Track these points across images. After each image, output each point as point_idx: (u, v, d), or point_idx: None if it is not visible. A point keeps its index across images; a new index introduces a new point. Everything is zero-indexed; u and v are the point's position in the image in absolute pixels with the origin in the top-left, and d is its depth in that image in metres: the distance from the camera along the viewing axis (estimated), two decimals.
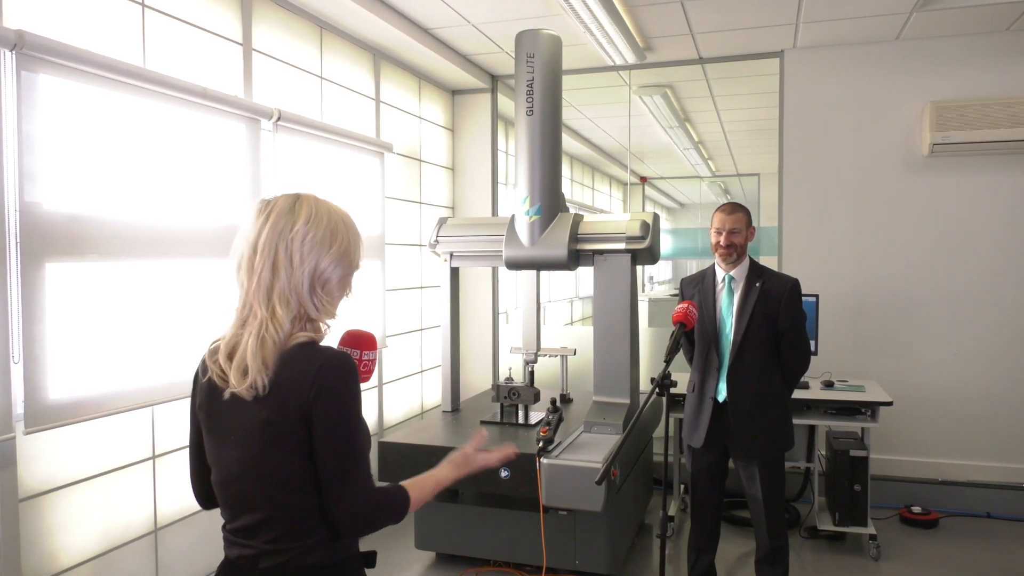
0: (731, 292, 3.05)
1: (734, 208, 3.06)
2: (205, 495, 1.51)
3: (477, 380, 5.29)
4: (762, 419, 2.97)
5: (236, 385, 1.34)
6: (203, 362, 1.45)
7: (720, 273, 3.08)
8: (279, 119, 3.40)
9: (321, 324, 1.44)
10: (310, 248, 1.38)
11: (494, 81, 5.35)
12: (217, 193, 3.09)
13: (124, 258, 2.65)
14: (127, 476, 2.80)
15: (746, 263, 3.07)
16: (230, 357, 1.37)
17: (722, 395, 3.01)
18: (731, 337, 3.00)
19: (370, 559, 1.50)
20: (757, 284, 3.00)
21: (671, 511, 4.15)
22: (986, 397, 4.42)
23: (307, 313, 1.40)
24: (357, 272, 1.49)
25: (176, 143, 2.89)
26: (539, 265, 3.66)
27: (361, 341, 1.55)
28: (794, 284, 3.02)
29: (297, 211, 1.40)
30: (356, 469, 1.36)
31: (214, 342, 1.44)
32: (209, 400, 1.41)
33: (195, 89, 2.91)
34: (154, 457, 2.91)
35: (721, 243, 3.02)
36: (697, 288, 3.14)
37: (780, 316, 2.96)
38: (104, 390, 2.58)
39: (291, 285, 1.37)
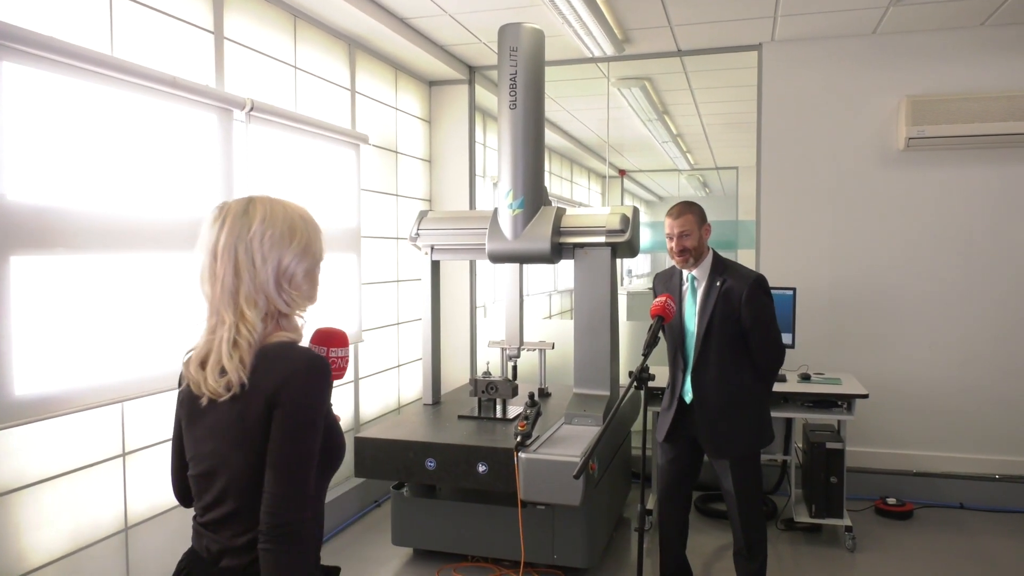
0: (694, 291, 3.05)
1: (682, 210, 3.00)
2: (184, 493, 1.55)
3: (454, 374, 5.29)
4: (731, 418, 2.98)
5: (214, 387, 1.35)
6: (182, 371, 1.47)
7: (686, 272, 3.09)
8: (252, 109, 3.36)
9: (296, 319, 1.46)
10: (270, 246, 1.39)
11: (472, 72, 5.34)
12: (188, 185, 3.05)
13: (93, 251, 2.62)
14: (96, 474, 2.77)
15: (708, 260, 3.04)
16: (203, 365, 1.38)
17: (689, 395, 3.04)
18: (695, 337, 3.01)
19: (332, 574, 1.51)
20: (718, 283, 2.97)
21: (649, 505, 4.18)
22: (960, 390, 4.51)
23: (278, 309, 1.42)
24: (323, 263, 1.51)
25: (146, 134, 2.85)
26: (522, 258, 3.67)
27: (331, 338, 1.57)
28: (756, 280, 2.96)
29: (252, 213, 1.41)
30: (297, 471, 1.34)
31: (188, 352, 1.45)
32: (189, 402, 1.44)
33: (165, 78, 2.87)
34: (124, 454, 2.88)
35: (674, 248, 3.00)
36: (666, 285, 3.17)
37: (743, 314, 2.93)
38: (72, 386, 2.54)
39: (256, 285, 1.39)
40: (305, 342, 1.49)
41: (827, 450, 3.92)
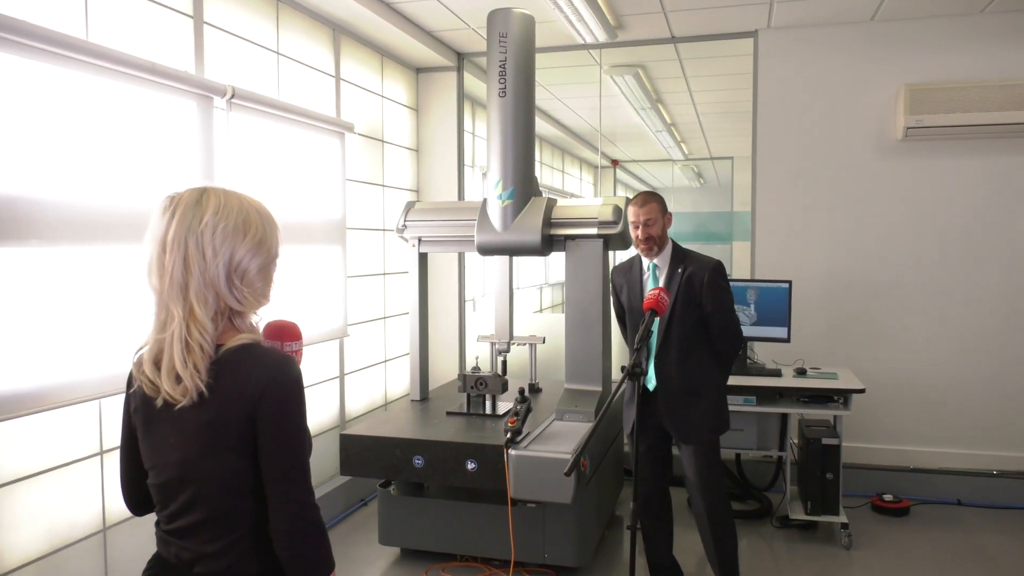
0: (656, 280, 3.15)
1: (646, 199, 3.11)
2: (137, 501, 1.53)
3: (443, 369, 5.29)
4: (693, 404, 3.07)
5: (170, 392, 1.34)
6: (131, 373, 1.44)
7: (646, 261, 3.18)
8: (233, 97, 3.34)
9: (250, 317, 1.44)
10: (222, 239, 1.37)
11: (460, 59, 5.32)
12: (167, 175, 3.03)
13: (68, 243, 2.60)
14: (73, 473, 2.76)
15: (668, 250, 3.15)
16: (157, 365, 1.36)
17: (651, 383, 3.11)
18: (656, 324, 3.06)
19: None
20: (679, 270, 3.08)
21: None
22: (958, 384, 4.55)
23: (228, 307, 1.39)
24: (279, 260, 1.49)
25: (123, 122, 2.83)
26: (512, 251, 3.68)
27: (284, 332, 1.56)
28: (715, 266, 3.09)
29: (204, 203, 1.38)
30: (300, 474, 1.39)
31: (138, 351, 1.43)
32: (144, 407, 1.42)
33: (143, 64, 2.85)
34: (102, 452, 2.87)
35: (639, 236, 3.10)
36: (626, 277, 3.25)
37: (703, 300, 3.05)
38: (47, 383, 2.53)
39: (206, 280, 1.36)
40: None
41: (823, 446, 3.95)
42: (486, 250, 3.68)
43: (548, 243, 3.61)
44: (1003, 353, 4.49)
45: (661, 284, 3.09)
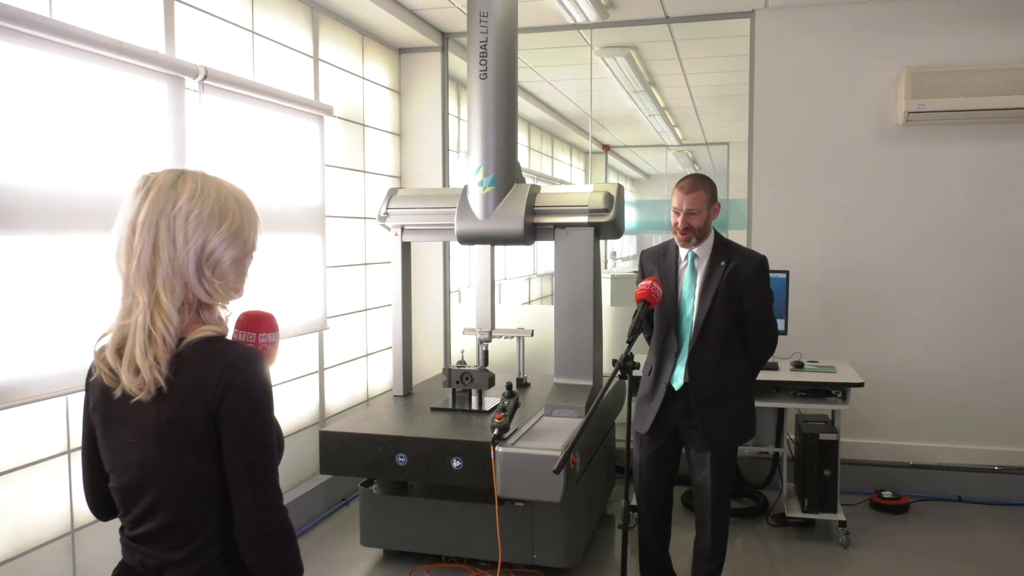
0: (694, 271, 3.05)
1: (694, 185, 3.00)
2: (100, 505, 1.52)
3: (428, 363, 5.29)
4: (725, 408, 3.00)
5: (128, 385, 1.33)
6: (92, 362, 1.43)
7: (683, 249, 3.08)
8: (205, 78, 3.31)
9: (219, 311, 1.43)
10: (195, 226, 1.35)
11: (445, 39, 5.30)
12: (136, 160, 3.00)
13: (30, 232, 2.57)
14: (39, 473, 2.74)
15: (711, 239, 3.05)
16: (119, 353, 1.35)
17: (679, 381, 3.03)
18: (692, 319, 3.01)
19: None
20: (722, 263, 2.99)
21: (634, 500, 4.22)
22: (960, 377, 4.59)
23: (197, 299, 1.38)
24: (255, 254, 1.47)
25: (89, 105, 2.80)
26: (493, 240, 3.68)
27: (260, 322, 1.53)
28: (761, 261, 3.02)
29: (180, 187, 1.36)
30: (265, 475, 1.37)
31: (100, 338, 1.41)
32: (103, 402, 1.40)
33: (110, 43, 2.81)
34: (69, 451, 2.85)
35: (678, 225, 3.00)
36: (658, 264, 3.13)
37: (746, 297, 2.96)
38: (10, 377, 2.51)
39: (175, 268, 1.34)
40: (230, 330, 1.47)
41: (820, 441, 3.98)
42: (467, 239, 3.68)
43: (531, 232, 3.61)
44: (1007, 345, 4.53)
45: (700, 276, 3.01)
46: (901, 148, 4.59)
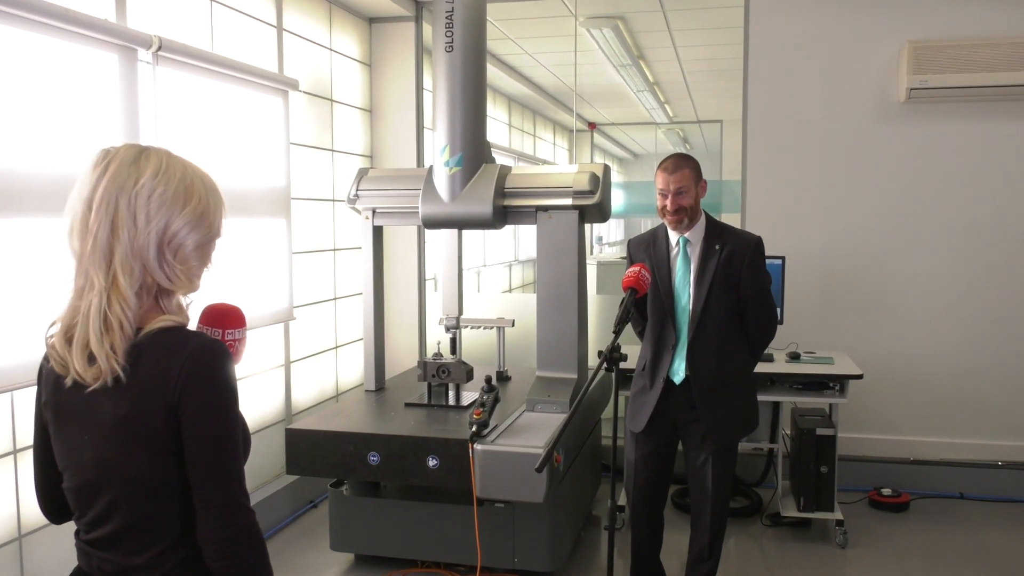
0: (687, 257, 3.04)
1: (678, 164, 2.98)
2: (54, 508, 1.50)
3: (402, 355, 5.28)
4: (728, 400, 3.01)
5: (81, 372, 1.31)
6: (42, 361, 1.42)
7: (673, 236, 3.07)
8: (160, 49, 3.27)
9: (179, 298, 1.42)
10: (158, 205, 1.34)
11: (419, 8, 5.26)
12: (85, 138, 2.97)
13: None
14: None
15: (702, 222, 3.05)
16: (69, 340, 1.33)
17: (678, 375, 3.02)
18: (689, 309, 3.00)
19: None
20: (717, 247, 2.99)
21: (621, 500, 4.25)
22: (962, 370, 4.64)
23: (156, 283, 1.36)
24: (219, 240, 1.46)
25: (33, 77, 2.75)
26: (460, 223, 3.67)
27: (226, 317, 1.53)
28: (757, 243, 3.03)
29: (143, 163, 1.35)
30: (230, 475, 1.36)
31: (51, 325, 1.39)
32: (55, 395, 1.38)
33: (55, 11, 2.77)
34: (15, 451, 2.82)
35: (668, 207, 2.97)
36: (647, 252, 3.11)
37: (743, 282, 2.97)
38: None
39: (134, 249, 1.33)
40: (193, 324, 1.45)
41: (817, 437, 4.02)
42: (432, 223, 3.66)
43: (501, 215, 3.59)
44: (1011, 336, 4.58)
45: (694, 262, 3.00)
46: (903, 126, 4.62)
